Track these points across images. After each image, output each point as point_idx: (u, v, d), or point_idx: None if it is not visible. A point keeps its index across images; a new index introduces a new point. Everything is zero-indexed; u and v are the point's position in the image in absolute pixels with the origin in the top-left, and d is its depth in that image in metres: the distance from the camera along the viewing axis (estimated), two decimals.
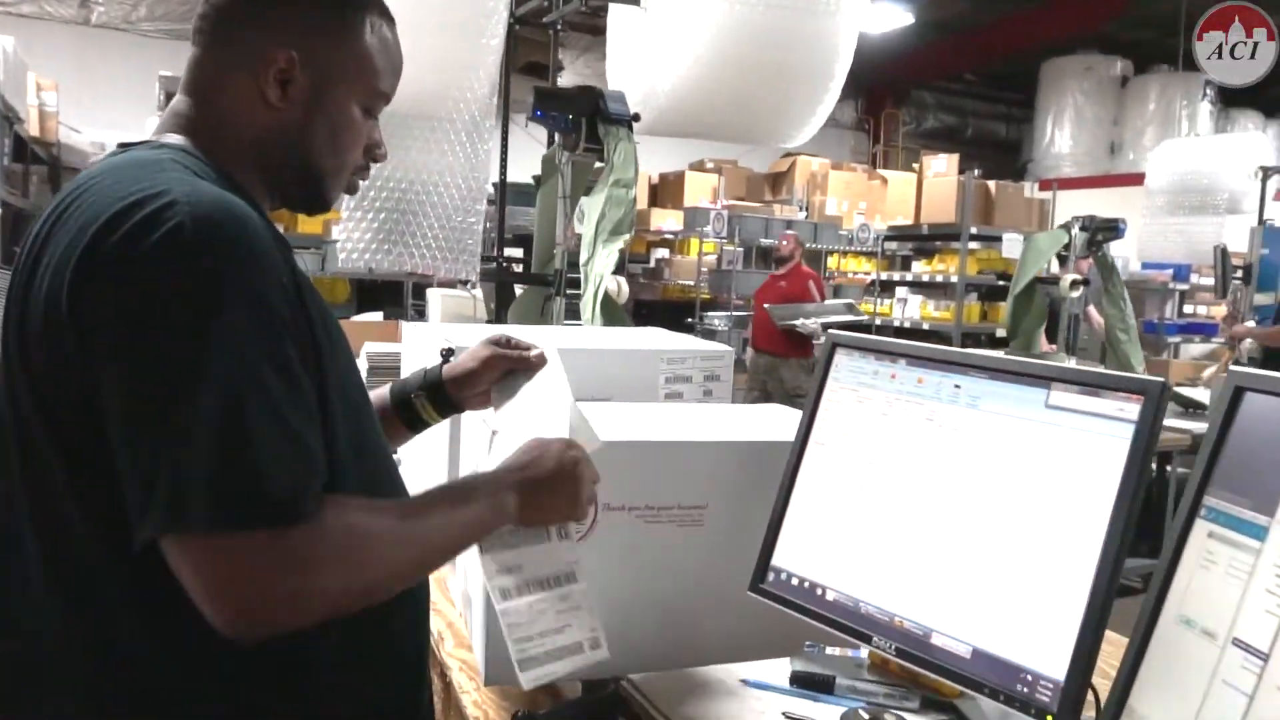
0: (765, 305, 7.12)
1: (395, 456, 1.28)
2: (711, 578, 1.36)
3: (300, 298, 0.91)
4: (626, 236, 2.96)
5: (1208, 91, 12.00)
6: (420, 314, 5.49)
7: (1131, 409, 0.99)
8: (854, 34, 3.30)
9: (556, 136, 3.35)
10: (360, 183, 1.15)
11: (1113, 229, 5.44)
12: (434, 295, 4.20)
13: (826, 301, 7.48)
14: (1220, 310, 10.77)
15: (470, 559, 1.42)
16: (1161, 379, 0.98)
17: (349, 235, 3.88)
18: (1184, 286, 10.21)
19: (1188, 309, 10.77)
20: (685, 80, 3.26)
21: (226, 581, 0.81)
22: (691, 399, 1.92)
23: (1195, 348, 10.25)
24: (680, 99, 3.30)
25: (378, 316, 5.71)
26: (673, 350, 1.91)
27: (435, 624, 1.47)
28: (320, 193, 1.08)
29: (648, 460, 1.33)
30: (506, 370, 1.25)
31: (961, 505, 1.09)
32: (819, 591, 1.19)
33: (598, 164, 3.25)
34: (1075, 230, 5.41)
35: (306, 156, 1.05)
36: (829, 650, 1.25)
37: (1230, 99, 12.63)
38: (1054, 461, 1.03)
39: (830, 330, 1.31)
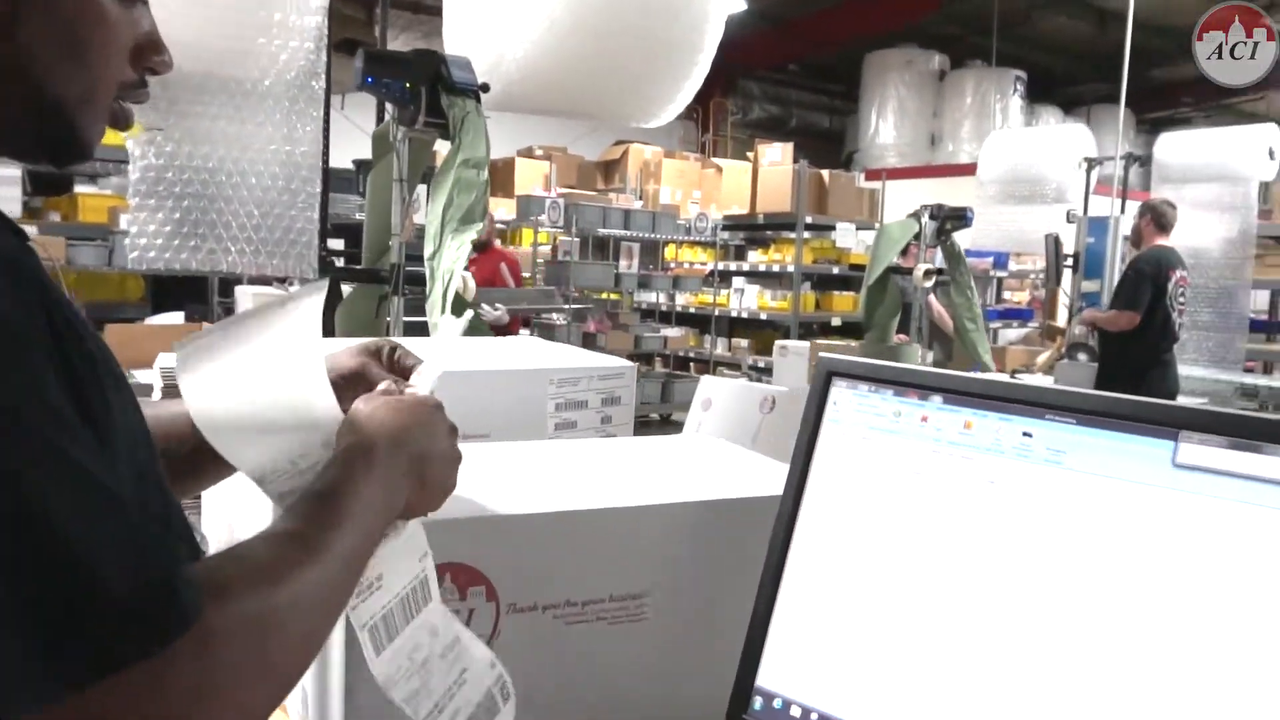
0: None
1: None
2: (661, 694, 0.99)
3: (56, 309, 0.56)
4: (479, 225, 2.54)
5: (1018, 87, 12.53)
6: (229, 314, 4.88)
7: None
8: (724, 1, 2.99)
9: (389, 110, 2.88)
10: (133, 109, 0.71)
11: (961, 218, 5.45)
12: (244, 294, 3.62)
13: (520, 288, 6.63)
14: (1024, 295, 11.33)
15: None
16: None
17: (141, 227, 3.28)
18: (1004, 274, 10.59)
19: (1004, 295, 11.20)
20: (538, 48, 2.86)
21: None
22: (588, 429, 1.54)
23: (1012, 333, 10.65)
24: (532, 70, 2.90)
25: (178, 317, 5.05)
26: (562, 368, 1.53)
27: None
28: (68, 129, 0.65)
29: (563, 536, 0.95)
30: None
31: (1053, 605, 0.76)
32: None
33: (439, 141, 2.81)
34: (925, 219, 5.36)
35: (34, 79, 0.62)
36: None
37: (1036, 95, 13.26)
38: (1194, 547, 0.72)
39: (822, 354, 0.95)
